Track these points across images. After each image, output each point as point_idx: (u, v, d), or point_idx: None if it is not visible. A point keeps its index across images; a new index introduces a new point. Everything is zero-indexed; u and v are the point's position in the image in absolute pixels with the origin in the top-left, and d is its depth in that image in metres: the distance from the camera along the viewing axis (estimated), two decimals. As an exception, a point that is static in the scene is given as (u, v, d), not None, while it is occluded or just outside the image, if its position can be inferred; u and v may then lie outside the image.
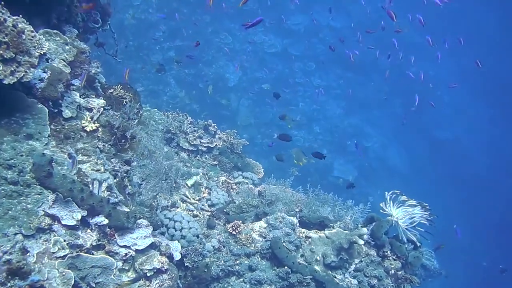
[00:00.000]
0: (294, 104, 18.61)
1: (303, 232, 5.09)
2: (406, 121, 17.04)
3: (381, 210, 5.08)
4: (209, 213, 5.44)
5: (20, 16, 4.04)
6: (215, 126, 6.97)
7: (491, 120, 23.54)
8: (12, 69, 3.69)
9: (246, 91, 17.60)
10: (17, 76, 3.70)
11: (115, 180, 4.28)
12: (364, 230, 4.75)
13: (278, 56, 18.50)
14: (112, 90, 4.73)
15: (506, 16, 24.66)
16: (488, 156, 22.29)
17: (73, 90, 4.46)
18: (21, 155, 3.78)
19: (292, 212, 5.32)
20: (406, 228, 4.93)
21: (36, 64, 3.84)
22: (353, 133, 19.02)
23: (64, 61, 4.48)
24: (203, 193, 5.80)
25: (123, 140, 4.43)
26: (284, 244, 4.76)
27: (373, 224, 5.04)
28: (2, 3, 3.91)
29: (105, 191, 4.11)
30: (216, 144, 6.79)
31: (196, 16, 16.85)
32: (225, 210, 5.45)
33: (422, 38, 21.78)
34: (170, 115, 7.06)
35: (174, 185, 5.34)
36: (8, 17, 3.88)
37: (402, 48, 15.67)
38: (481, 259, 20.39)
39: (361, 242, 4.65)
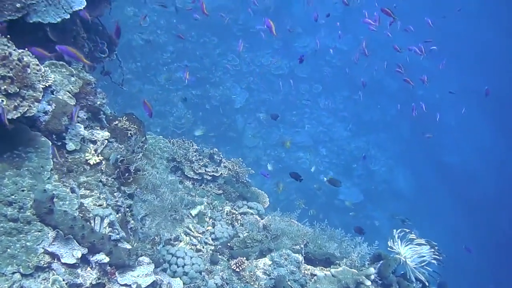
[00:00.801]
0: (300, 126, 18.56)
1: (309, 269, 4.98)
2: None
3: (388, 248, 4.97)
4: (212, 247, 5.34)
5: (26, 49, 4.02)
6: (221, 155, 6.89)
7: (498, 143, 23.38)
8: (16, 103, 3.65)
9: (253, 113, 17.58)
10: (20, 111, 3.66)
11: (117, 215, 4.21)
12: (371, 270, 4.63)
13: (285, 78, 18.51)
14: (117, 122, 4.68)
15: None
16: (496, 180, 22.07)
17: (78, 122, 4.41)
18: (23, 190, 3.72)
19: (297, 247, 5.21)
20: (414, 267, 4.81)
21: (40, 98, 3.80)
22: (359, 156, 18.90)
23: (70, 92, 4.45)
24: (207, 226, 5.71)
25: (126, 174, 4.37)
26: (288, 283, 4.65)
27: (381, 262, 4.91)
28: (8, 36, 3.88)
29: (107, 227, 4.03)
30: (221, 173, 6.71)
31: (204, 38, 16.91)
32: (229, 244, 5.34)
33: (428, 61, 21.83)
34: (176, 143, 6.99)
35: (178, 217, 5.25)
36: (14, 50, 3.86)
37: (409, 70, 15.63)
38: (488, 282, 20.10)
39: (368, 283, 4.53)
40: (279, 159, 17.62)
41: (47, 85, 4.12)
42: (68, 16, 4.36)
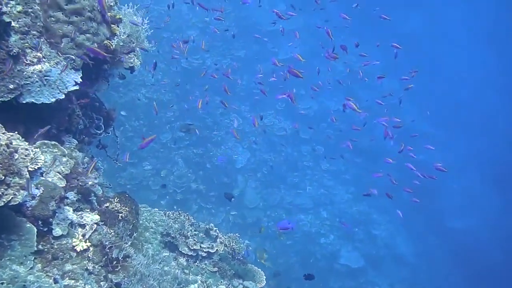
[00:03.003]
0: (302, 188, 18.34)
1: None
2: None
3: None
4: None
5: (16, 132, 3.90)
6: (217, 230, 6.68)
7: (504, 210, 23.01)
8: (0, 192, 3.49)
9: (254, 173, 17.44)
10: (4, 200, 3.49)
11: (102, 307, 3.98)
12: None
13: (287, 139, 18.46)
14: (108, 204, 4.51)
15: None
16: (502, 250, 21.57)
17: (67, 205, 4.25)
18: (2, 283, 3.51)
19: None
20: None
21: (26, 186, 3.64)
22: (361, 220, 18.62)
23: (60, 173, 4.30)
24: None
25: (114, 262, 4.16)
26: None
27: None
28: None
29: (90, 322, 3.80)
30: (217, 249, 6.48)
31: (207, 97, 16.99)
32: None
33: (430, 127, 21.85)
34: (171, 215, 6.81)
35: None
36: (3, 134, 3.74)
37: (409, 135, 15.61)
38: None
39: None
40: (279, 221, 17.31)
41: (36, 168, 3.99)
42: (63, 96, 4.27)
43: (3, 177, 3.50)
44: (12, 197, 3.53)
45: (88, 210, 4.41)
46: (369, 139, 16.34)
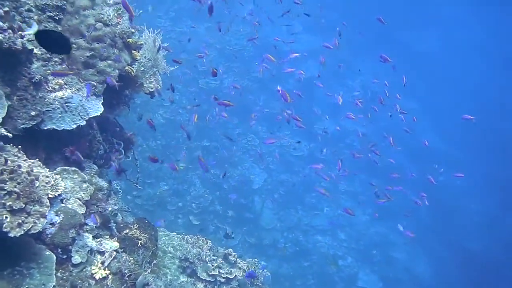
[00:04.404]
0: (319, 209, 18.18)
1: None
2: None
3: None
4: None
5: (37, 159, 3.90)
6: (236, 256, 6.59)
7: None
8: (20, 220, 3.47)
9: (271, 193, 17.33)
10: (24, 228, 3.47)
11: (120, 337, 3.91)
12: None
13: (304, 159, 18.36)
14: (127, 231, 4.47)
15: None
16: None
17: (86, 232, 4.22)
18: (20, 313, 3.48)
19: None
20: None
21: (47, 213, 3.62)
22: (379, 242, 18.37)
23: (80, 200, 4.28)
24: None
25: (133, 290, 4.11)
26: None
27: None
28: (20, 146, 3.78)
29: None
30: (235, 275, 6.40)
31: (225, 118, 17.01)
32: None
33: (446, 145, 21.63)
34: (190, 239, 6.75)
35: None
36: (24, 161, 3.73)
37: (427, 155, 15.48)
38: None
39: None
40: (296, 242, 17.16)
41: (57, 195, 3.97)
42: (84, 123, 4.27)
43: (24, 205, 3.49)
44: (32, 225, 3.51)
45: (108, 236, 4.38)
46: (387, 160, 16.17)
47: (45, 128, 4.11)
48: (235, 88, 15.23)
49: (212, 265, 6.32)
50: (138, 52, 4.98)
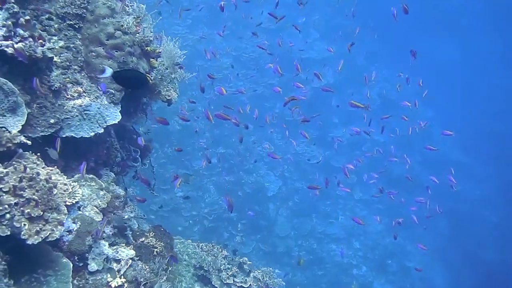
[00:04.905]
0: (334, 217, 18.07)
1: None
2: None
3: None
4: None
5: (55, 166, 3.92)
6: (251, 264, 6.57)
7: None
8: (38, 228, 3.49)
9: (285, 201, 17.28)
10: (42, 236, 3.49)
11: None
12: None
13: (319, 167, 18.27)
14: (143, 239, 4.48)
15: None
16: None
17: (103, 239, 4.23)
18: (37, 320, 3.49)
19: None
20: None
21: (64, 221, 3.64)
22: (394, 252, 18.20)
23: (97, 207, 4.29)
24: None
25: (149, 298, 4.11)
26: None
27: None
28: (39, 154, 3.80)
29: None
30: (250, 284, 6.37)
31: (240, 125, 16.99)
32: None
33: (465, 156, 21.41)
34: (205, 247, 6.74)
35: None
36: (43, 168, 3.75)
37: (444, 166, 15.29)
38: None
39: None
40: (310, 250, 17.07)
41: (74, 202, 3.99)
42: (102, 131, 4.29)
43: (42, 213, 3.51)
44: (49, 233, 3.52)
45: (124, 244, 4.38)
46: (404, 168, 16.04)
47: (64, 136, 4.13)
48: (242, 93, 15.21)
49: (227, 274, 6.30)
50: (156, 60, 5.00)
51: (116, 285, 4.04)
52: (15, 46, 3.65)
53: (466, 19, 26.05)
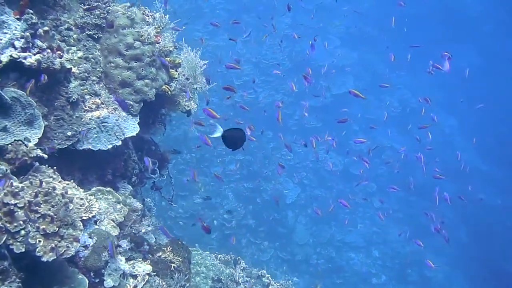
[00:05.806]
0: (353, 225, 17.85)
1: None
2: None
3: None
4: None
5: (72, 180, 3.85)
6: (269, 277, 6.45)
7: None
8: (53, 244, 3.40)
9: (304, 208, 17.14)
10: (57, 252, 3.41)
11: None
12: None
13: (338, 175, 18.10)
14: (160, 253, 4.38)
15: None
16: None
17: (119, 254, 4.14)
18: (51, 339, 3.41)
19: None
20: None
21: (80, 237, 3.56)
22: (414, 261, 17.90)
23: (114, 221, 4.21)
24: None
25: (165, 316, 4.01)
26: None
27: None
28: (55, 167, 3.73)
29: None
30: (268, 297, 6.26)
31: (258, 132, 16.92)
32: None
33: (486, 165, 21.03)
34: (223, 258, 6.64)
35: None
36: (59, 182, 3.68)
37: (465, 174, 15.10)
38: None
39: None
40: (329, 259, 16.88)
41: (91, 216, 3.91)
42: (120, 143, 4.22)
43: (57, 229, 3.43)
44: (65, 250, 3.44)
45: (141, 259, 4.29)
46: (423, 176, 15.80)
47: (81, 148, 4.07)
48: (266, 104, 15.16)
49: (245, 287, 6.19)
50: (176, 70, 4.93)
51: (133, 302, 3.96)
52: (33, 59, 3.59)
53: (489, 25, 25.66)
